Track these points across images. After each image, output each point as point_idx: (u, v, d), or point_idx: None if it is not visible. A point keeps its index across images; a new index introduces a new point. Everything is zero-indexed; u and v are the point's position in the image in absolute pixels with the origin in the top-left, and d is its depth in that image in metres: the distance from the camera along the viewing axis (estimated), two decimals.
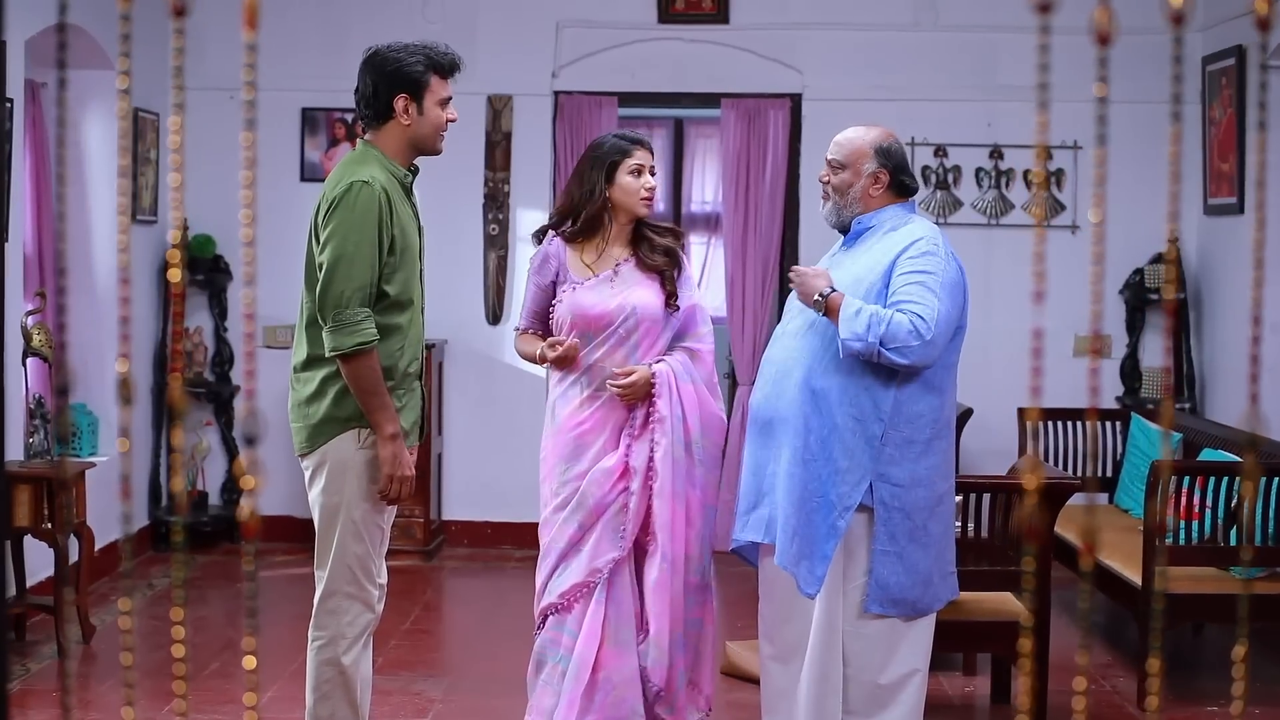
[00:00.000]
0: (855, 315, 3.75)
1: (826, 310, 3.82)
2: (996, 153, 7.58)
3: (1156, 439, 6.39)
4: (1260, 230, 1.32)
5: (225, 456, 7.73)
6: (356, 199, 3.67)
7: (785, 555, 3.89)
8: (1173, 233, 1.44)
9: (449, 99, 3.87)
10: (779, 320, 4.25)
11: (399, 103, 3.80)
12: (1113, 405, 7.46)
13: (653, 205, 4.22)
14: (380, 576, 3.85)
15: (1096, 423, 5.87)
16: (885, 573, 3.87)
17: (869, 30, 7.57)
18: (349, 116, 7.48)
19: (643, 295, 4.16)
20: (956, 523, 4.32)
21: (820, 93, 7.54)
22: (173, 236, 1.34)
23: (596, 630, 4.05)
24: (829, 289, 3.83)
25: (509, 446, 7.57)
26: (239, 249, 6.89)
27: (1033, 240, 7.42)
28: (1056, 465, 6.92)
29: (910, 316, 3.74)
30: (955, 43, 7.55)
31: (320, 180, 6.58)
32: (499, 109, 7.63)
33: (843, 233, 4.07)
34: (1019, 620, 4.79)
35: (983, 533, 4.82)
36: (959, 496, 4.62)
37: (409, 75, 3.80)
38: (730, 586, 6.36)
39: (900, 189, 4.03)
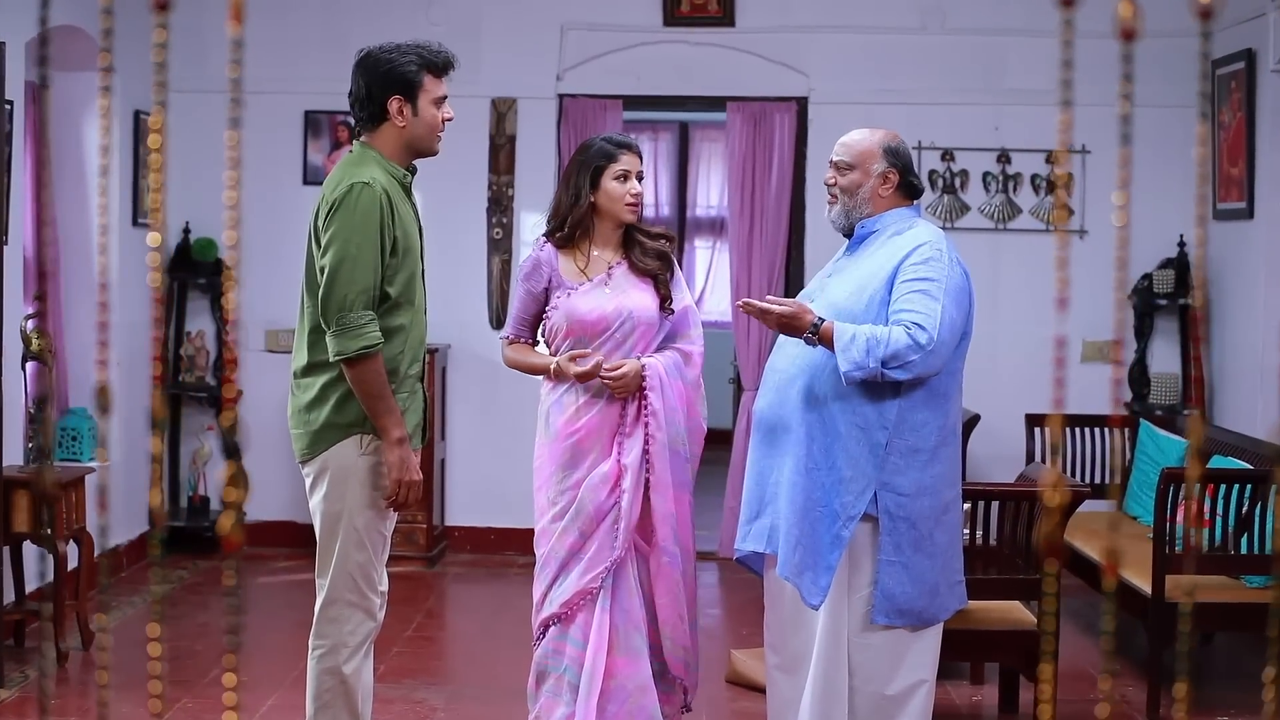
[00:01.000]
0: (851, 343, 3.69)
1: (820, 342, 3.76)
2: (1004, 157, 7.52)
3: (1166, 445, 6.34)
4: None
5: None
6: (357, 201, 3.63)
7: (787, 566, 3.84)
8: (1200, 237, 1.39)
9: (444, 98, 3.82)
10: None
11: (393, 104, 3.75)
12: (1121, 411, 7.40)
13: (639, 211, 4.16)
14: (382, 584, 3.80)
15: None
16: (891, 583, 3.82)
17: (875, 33, 7.52)
18: (352, 119, 7.43)
19: (638, 299, 4.12)
20: (964, 530, 4.27)
21: (826, 96, 7.49)
22: (152, 239, 1.28)
23: (604, 639, 4.01)
24: (817, 320, 3.76)
25: (513, 452, 7.50)
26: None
27: (1041, 245, 7.44)
28: (1064, 471, 6.86)
29: (907, 328, 3.69)
30: (962, 46, 7.49)
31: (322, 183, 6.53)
32: (503, 112, 7.58)
33: (848, 236, 4.02)
34: (1028, 629, 4.73)
35: (991, 541, 4.77)
36: (967, 504, 4.57)
37: (402, 76, 3.75)
38: (735, 594, 6.31)
39: (908, 190, 4.00)
